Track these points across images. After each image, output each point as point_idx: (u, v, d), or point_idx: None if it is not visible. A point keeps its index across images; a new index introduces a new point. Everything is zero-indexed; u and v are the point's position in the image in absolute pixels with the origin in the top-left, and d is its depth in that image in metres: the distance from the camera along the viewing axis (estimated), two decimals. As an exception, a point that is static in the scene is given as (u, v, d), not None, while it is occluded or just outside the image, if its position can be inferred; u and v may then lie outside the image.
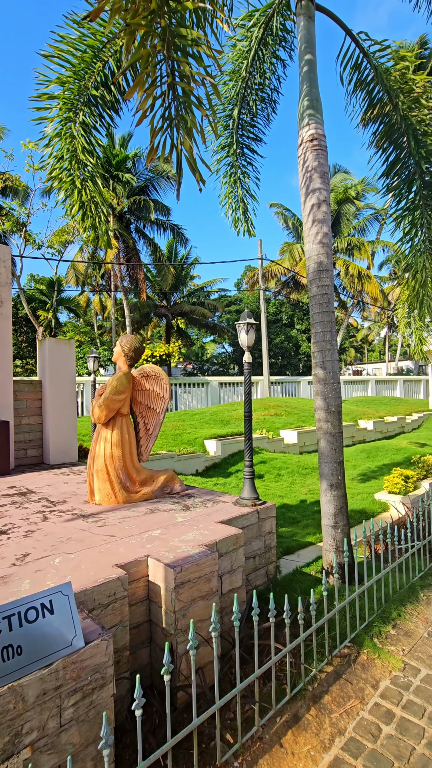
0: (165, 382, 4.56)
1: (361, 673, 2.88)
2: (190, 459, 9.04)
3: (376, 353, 51.53)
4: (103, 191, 5.26)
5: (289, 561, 4.71)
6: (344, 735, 2.40)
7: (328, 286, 4.18)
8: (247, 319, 3.98)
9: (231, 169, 6.61)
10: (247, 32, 5.54)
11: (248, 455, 4.10)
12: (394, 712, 2.55)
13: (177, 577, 2.59)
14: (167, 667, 1.90)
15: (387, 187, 5.95)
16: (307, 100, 4.25)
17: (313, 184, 4.17)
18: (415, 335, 7.73)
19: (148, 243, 23.15)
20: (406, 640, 3.24)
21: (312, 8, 4.42)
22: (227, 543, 3.17)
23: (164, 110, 2.75)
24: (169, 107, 2.76)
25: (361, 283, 23.07)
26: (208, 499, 4.31)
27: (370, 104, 5.37)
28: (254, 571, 3.83)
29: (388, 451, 10.83)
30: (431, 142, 5.40)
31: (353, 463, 10.00)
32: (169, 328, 28.20)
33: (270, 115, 6.37)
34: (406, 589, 3.88)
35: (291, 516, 6.35)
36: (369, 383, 22.03)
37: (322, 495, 4.18)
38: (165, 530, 3.36)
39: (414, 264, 6.39)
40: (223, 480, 8.41)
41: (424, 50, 25.34)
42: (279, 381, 19.14)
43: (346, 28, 4.87)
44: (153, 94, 2.64)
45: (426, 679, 2.81)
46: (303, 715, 2.53)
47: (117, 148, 21.73)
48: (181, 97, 2.67)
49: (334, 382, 4.17)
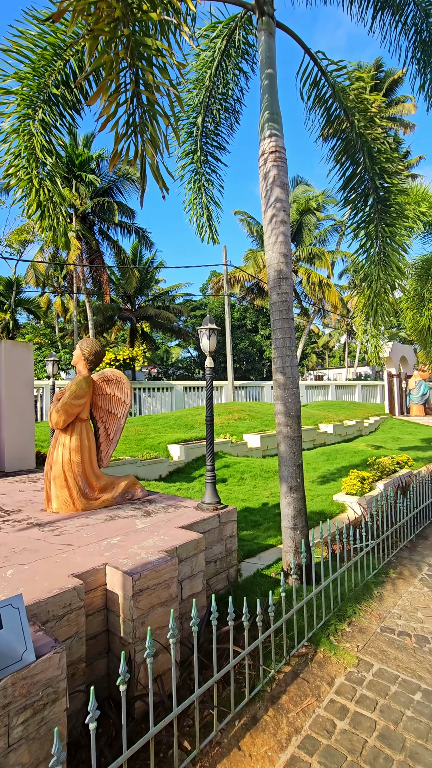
0: (126, 387, 4.51)
1: (318, 671, 2.95)
2: (153, 464, 8.94)
3: (336, 359, 53.25)
4: (63, 191, 5.14)
5: (251, 564, 4.76)
6: (300, 733, 2.44)
7: (288, 293, 4.29)
8: (208, 324, 4.02)
9: (195, 176, 6.67)
10: (211, 43, 5.63)
11: (209, 460, 4.12)
12: (348, 707, 2.63)
13: (136, 584, 2.55)
14: (123, 677, 1.87)
15: (345, 200, 6.21)
16: (267, 112, 4.37)
17: (273, 194, 4.28)
18: (371, 342, 8.08)
19: (112, 245, 22.81)
20: (361, 636, 3.35)
21: (272, 25, 4.57)
22: (187, 548, 3.16)
23: (128, 116, 2.74)
24: (133, 114, 2.76)
25: (321, 291, 23.82)
26: (169, 505, 4.28)
27: (328, 120, 5.59)
28: (215, 575, 3.84)
29: (347, 454, 11.20)
30: (385, 160, 5.70)
31: (314, 465, 10.26)
32: (134, 332, 27.84)
33: (233, 125, 6.49)
34: (361, 587, 4.03)
35: (253, 519, 6.42)
36: (330, 388, 22.72)
37: (282, 498, 4.26)
38: (125, 537, 3.30)
39: (369, 274, 6.69)
40: (187, 485, 8.38)
41: (379, 72, 26.76)
42: (243, 386, 19.35)
43: (305, 47, 5.06)
44: (117, 101, 2.62)
45: (378, 674, 2.92)
46: (261, 716, 2.56)
47: (80, 148, 21.32)
48: (145, 105, 2.68)
49: (293, 387, 4.28)
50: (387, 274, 6.55)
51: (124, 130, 2.69)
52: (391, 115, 27.14)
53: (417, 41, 5.92)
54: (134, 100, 2.71)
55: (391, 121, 27.62)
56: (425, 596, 4.00)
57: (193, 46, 5.74)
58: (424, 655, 3.13)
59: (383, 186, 5.95)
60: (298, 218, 24.37)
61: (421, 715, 2.55)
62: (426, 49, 5.93)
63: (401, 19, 5.75)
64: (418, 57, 6.04)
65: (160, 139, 2.71)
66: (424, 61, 6.02)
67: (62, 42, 4.60)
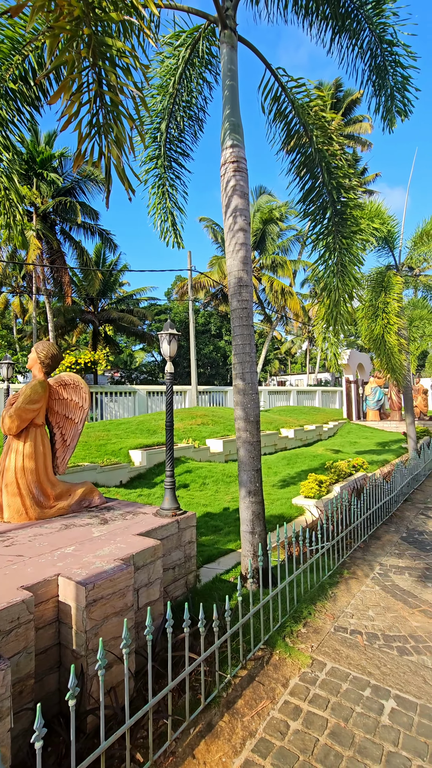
0: (84, 391, 4.40)
1: (273, 674, 2.99)
2: (113, 470, 8.76)
3: (298, 365, 54.56)
4: (21, 189, 4.98)
5: (210, 569, 4.76)
6: (255, 737, 2.46)
7: (248, 301, 4.37)
8: (169, 329, 4.01)
9: (159, 181, 6.66)
10: (175, 51, 5.67)
11: (169, 465, 4.09)
12: (301, 707, 2.69)
13: (89, 594, 2.49)
14: (72, 692, 1.82)
15: (304, 212, 6.41)
16: (228, 123, 4.46)
17: (234, 203, 4.36)
18: (330, 350, 8.35)
19: (75, 246, 22.28)
20: (315, 636, 3.44)
21: (234, 39, 4.67)
22: (145, 555, 3.12)
23: (92, 117, 2.71)
24: (96, 114, 2.73)
25: (284, 298, 24.39)
26: (128, 511, 4.21)
27: (288, 134, 5.77)
28: (173, 582, 3.81)
29: (306, 458, 11.48)
30: (342, 175, 5.94)
31: (275, 469, 10.43)
32: (96, 335, 27.27)
33: (197, 132, 6.55)
34: (316, 588, 4.13)
35: (214, 524, 6.43)
36: (291, 393, 23.23)
37: (241, 502, 4.30)
38: (80, 546, 3.21)
39: (329, 284, 6.93)
40: (148, 491, 8.27)
41: (338, 91, 27.94)
42: (207, 390, 19.40)
43: (266, 62, 5.21)
44: (79, 101, 2.59)
45: (331, 672, 3.00)
46: (216, 722, 2.56)
47: (42, 146, 20.72)
48: (109, 106, 2.65)
49: (252, 393, 4.35)
50: (345, 284, 6.80)
51: (88, 130, 2.65)
52: (349, 133, 28.37)
53: (372, 65, 6.24)
54: (97, 100, 2.68)
55: (350, 138, 28.89)
56: (376, 595, 4.16)
57: (157, 50, 5.77)
58: (374, 651, 3.25)
59: (340, 200, 6.20)
60: (261, 227, 24.88)
61: (369, 710, 2.64)
62: (380, 74, 6.26)
63: (358, 43, 6.05)
64: (374, 80, 6.36)
65: (126, 140, 2.70)
66: (379, 84, 6.35)
67: (21, 37, 4.48)
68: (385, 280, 9.70)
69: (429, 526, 6.36)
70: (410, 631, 3.53)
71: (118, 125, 2.68)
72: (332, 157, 5.89)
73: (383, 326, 9.20)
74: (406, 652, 3.25)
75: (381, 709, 2.66)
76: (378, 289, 9.61)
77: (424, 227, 9.66)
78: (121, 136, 2.67)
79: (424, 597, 4.11)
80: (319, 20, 5.72)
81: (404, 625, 3.63)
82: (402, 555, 5.20)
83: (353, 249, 6.47)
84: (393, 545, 5.53)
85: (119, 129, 2.67)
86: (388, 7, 5.51)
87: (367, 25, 5.77)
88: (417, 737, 2.44)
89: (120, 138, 2.68)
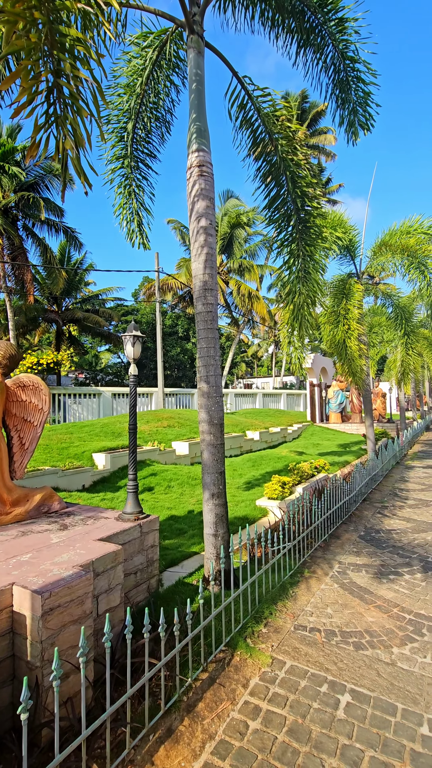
0: (44, 393, 4.28)
1: (234, 675, 3.01)
2: (76, 474, 8.54)
3: (264, 368, 55.35)
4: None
5: (174, 573, 4.73)
6: (215, 739, 2.47)
7: (213, 304, 4.40)
8: (133, 331, 3.97)
9: (126, 181, 6.59)
10: (142, 51, 5.64)
11: (132, 469, 4.04)
12: (261, 707, 2.72)
13: (45, 603, 2.41)
14: (25, 705, 1.76)
15: (269, 219, 6.53)
16: (195, 127, 4.48)
17: (199, 207, 4.38)
18: (295, 354, 8.54)
19: (38, 243, 21.56)
20: (276, 636, 3.49)
21: (201, 44, 4.71)
22: (105, 561, 3.07)
23: (48, 106, 2.65)
24: (54, 104, 2.67)
25: (251, 302, 24.70)
26: (89, 516, 4.12)
27: (254, 142, 5.87)
28: (135, 587, 3.77)
29: (271, 460, 11.66)
30: (305, 185, 6.10)
31: (240, 471, 10.52)
32: (60, 335, 26.48)
33: (164, 134, 6.53)
34: (278, 587, 4.20)
35: (178, 527, 6.41)
36: (257, 396, 23.53)
37: (204, 505, 4.31)
38: (37, 553, 3.11)
39: (293, 289, 7.09)
40: (111, 495, 8.12)
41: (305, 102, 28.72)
42: (173, 393, 19.30)
43: (233, 70, 5.29)
44: (36, 88, 2.52)
45: (290, 670, 3.06)
46: (176, 727, 2.55)
47: (4, 138, 19.97)
48: (67, 97, 2.60)
49: (217, 396, 4.38)
50: (308, 289, 7.00)
51: (44, 120, 2.59)
52: (314, 143, 29.21)
53: (336, 80, 6.46)
54: (54, 90, 2.63)
55: (315, 149, 29.76)
56: (335, 592, 4.28)
57: (123, 49, 5.72)
58: (331, 648, 3.35)
59: (305, 209, 6.37)
60: (229, 231, 25.10)
61: (326, 705, 2.72)
62: (344, 88, 6.49)
63: (322, 57, 6.25)
64: (337, 94, 6.58)
65: (83, 134, 2.66)
66: (342, 98, 6.58)
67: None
68: (347, 288, 10.04)
69: (385, 524, 6.62)
70: (366, 627, 3.66)
71: (77, 118, 2.64)
72: (297, 167, 6.04)
73: (344, 332, 9.51)
74: (361, 647, 3.37)
75: (337, 703, 2.74)
76: (340, 295, 9.93)
77: (383, 238, 10.08)
78: (78, 129, 2.63)
79: (379, 593, 4.27)
80: (284, 33, 5.86)
81: (360, 621, 3.76)
82: (360, 553, 5.38)
83: (316, 256, 6.67)
84: (352, 544, 5.72)
85: (77, 122, 2.63)
86: (351, 26, 5.73)
87: (331, 41, 5.98)
88: (370, 729, 2.53)
89: (77, 130, 2.63)
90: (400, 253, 9.84)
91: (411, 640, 3.45)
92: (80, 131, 2.64)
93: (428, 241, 9.36)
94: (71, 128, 2.64)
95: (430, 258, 9.42)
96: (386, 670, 3.09)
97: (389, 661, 3.19)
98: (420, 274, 9.70)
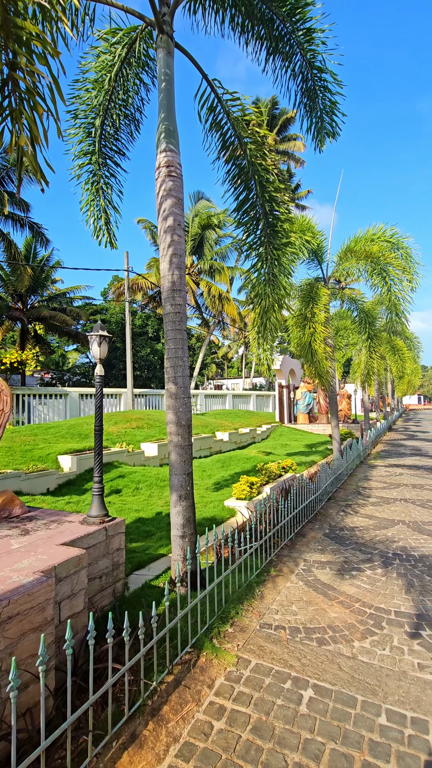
0: (5, 394, 4.13)
1: (200, 676, 3.01)
2: (40, 477, 8.28)
3: (234, 369, 55.72)
4: None
5: (140, 575, 4.68)
6: (179, 741, 2.46)
7: (181, 305, 4.39)
8: (99, 331, 3.91)
9: (93, 178, 6.47)
10: (111, 47, 5.56)
11: (98, 471, 3.97)
12: (225, 706, 2.74)
13: (4, 611, 2.33)
14: (-21, 718, 1.69)
15: (238, 221, 6.59)
16: (163, 126, 4.46)
17: (167, 206, 4.36)
18: (263, 355, 8.65)
19: (1, 238, 20.80)
20: (241, 635, 3.52)
21: (171, 44, 4.70)
22: (68, 566, 2.99)
23: (3, 99, 2.58)
24: (9, 97, 2.60)
25: (221, 304, 24.82)
26: (52, 520, 4.00)
27: (224, 145, 5.91)
28: (100, 592, 3.70)
29: (240, 460, 11.75)
30: (274, 190, 6.21)
31: (209, 472, 10.54)
32: (25, 333, 25.61)
33: (134, 132, 6.47)
34: (244, 587, 4.24)
35: (146, 529, 6.34)
36: (227, 397, 23.66)
37: (172, 507, 4.29)
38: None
39: (261, 292, 7.18)
40: (77, 498, 7.94)
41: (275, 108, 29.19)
42: (143, 393, 19.09)
43: (203, 72, 5.31)
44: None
45: (255, 669, 3.10)
46: (140, 732, 2.52)
47: (-36, 127, 19.14)
48: (23, 92, 2.53)
49: (185, 397, 4.37)
50: (275, 292, 7.11)
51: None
52: (284, 149, 29.73)
53: (304, 88, 6.60)
54: (9, 83, 2.55)
55: (285, 155, 30.30)
56: (300, 590, 4.37)
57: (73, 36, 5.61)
58: (295, 645, 3.41)
59: (273, 213, 6.48)
60: (200, 232, 25.13)
61: (289, 701, 2.77)
62: (311, 96, 6.65)
63: (290, 66, 6.37)
64: (305, 102, 6.73)
65: (39, 129, 2.60)
66: (310, 106, 6.73)
67: None
68: (314, 291, 10.29)
69: (349, 522, 6.82)
70: (329, 622, 3.76)
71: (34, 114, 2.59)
72: (266, 172, 6.13)
73: (311, 334, 9.73)
74: (324, 642, 3.46)
75: (300, 699, 2.79)
76: (307, 299, 10.15)
77: (348, 244, 10.40)
78: (34, 124, 2.58)
79: (341, 589, 4.40)
80: (254, 39, 5.94)
81: (323, 617, 3.85)
82: (324, 550, 5.52)
83: (283, 260, 6.79)
84: (317, 542, 5.85)
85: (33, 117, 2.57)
86: (318, 36, 5.88)
87: (299, 50, 6.11)
88: (331, 722, 2.60)
89: (32, 126, 2.58)
90: (365, 260, 10.19)
91: (371, 634, 3.57)
92: (36, 128, 2.58)
93: (390, 248, 9.74)
94: (27, 124, 2.58)
95: (391, 265, 9.80)
96: (347, 663, 3.18)
97: (350, 654, 3.29)
98: (381, 279, 10.07)
